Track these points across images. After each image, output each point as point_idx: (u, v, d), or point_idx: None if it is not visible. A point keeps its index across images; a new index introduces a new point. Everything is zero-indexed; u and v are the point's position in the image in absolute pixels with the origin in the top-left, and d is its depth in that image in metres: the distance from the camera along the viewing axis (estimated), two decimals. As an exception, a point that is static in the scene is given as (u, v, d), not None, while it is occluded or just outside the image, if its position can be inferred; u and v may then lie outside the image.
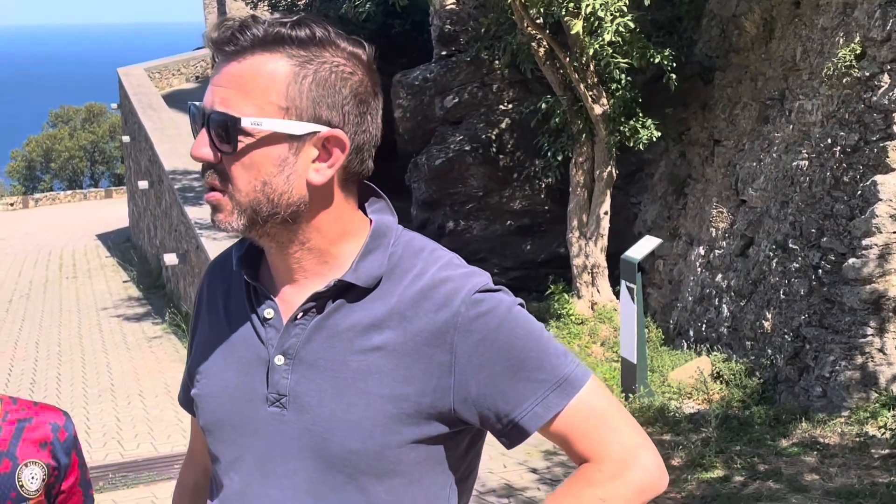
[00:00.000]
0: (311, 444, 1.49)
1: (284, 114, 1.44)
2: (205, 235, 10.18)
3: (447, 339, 1.46)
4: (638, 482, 1.47)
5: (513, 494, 5.76)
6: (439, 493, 1.54)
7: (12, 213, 28.72)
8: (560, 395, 1.47)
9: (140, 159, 16.47)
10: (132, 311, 12.93)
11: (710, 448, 6.02)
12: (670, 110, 9.53)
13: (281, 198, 1.45)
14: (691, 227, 9.06)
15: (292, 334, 1.51)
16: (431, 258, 1.53)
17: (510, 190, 11.21)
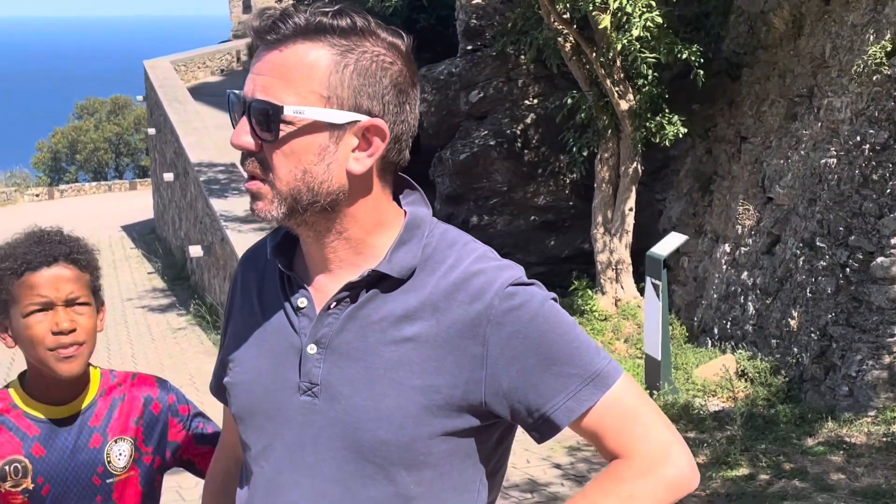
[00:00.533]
0: (342, 433, 1.49)
1: (326, 102, 1.44)
2: (230, 227, 10.23)
3: (480, 332, 1.46)
4: (669, 479, 1.47)
5: (536, 490, 5.76)
6: (469, 486, 1.54)
7: (38, 203, 28.95)
8: (592, 390, 1.47)
9: (165, 151, 16.55)
10: (157, 302, 13.01)
11: (735, 446, 6.00)
12: (697, 106, 9.49)
13: (321, 186, 1.46)
14: (717, 224, 9.01)
15: (325, 324, 1.51)
16: (465, 250, 1.53)
17: (534, 185, 11.19)
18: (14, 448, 1.98)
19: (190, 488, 6.15)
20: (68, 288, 1.96)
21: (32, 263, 1.96)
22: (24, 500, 1.97)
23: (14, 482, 1.96)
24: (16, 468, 1.97)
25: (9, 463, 1.97)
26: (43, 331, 1.94)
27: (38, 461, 1.98)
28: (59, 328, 1.93)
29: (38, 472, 1.98)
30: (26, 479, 1.97)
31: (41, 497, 1.97)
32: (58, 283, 1.96)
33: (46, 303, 1.95)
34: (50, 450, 1.99)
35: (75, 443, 2.01)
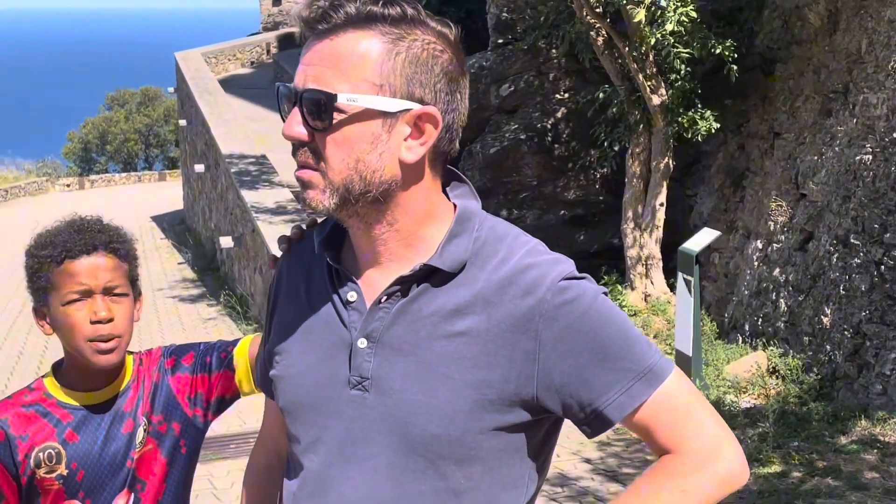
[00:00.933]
0: (393, 427, 1.49)
1: (378, 90, 1.44)
2: (260, 219, 10.27)
3: (532, 327, 1.46)
4: (720, 474, 1.47)
5: (566, 484, 5.76)
6: (517, 481, 1.54)
7: (69, 193, 29.18)
8: (645, 385, 1.47)
9: (196, 143, 16.64)
10: (187, 292, 13.09)
11: (766, 443, 5.97)
12: (729, 102, 9.43)
13: (374, 175, 1.46)
14: (749, 220, 8.96)
15: (376, 318, 1.51)
16: (516, 244, 1.53)
17: (564, 180, 11.17)
18: (48, 435, 2.00)
19: (221, 477, 6.20)
20: (107, 276, 1.98)
21: (72, 251, 1.97)
22: (59, 486, 1.99)
23: (48, 468, 1.99)
24: (49, 454, 1.99)
25: (43, 450, 1.99)
26: (81, 319, 1.96)
27: (71, 447, 2.00)
28: (98, 317, 1.95)
29: (72, 458, 2.00)
30: (60, 465, 1.99)
31: (76, 482, 2.00)
32: (97, 272, 1.97)
33: (85, 290, 1.96)
34: (84, 436, 2.01)
35: (109, 429, 2.03)
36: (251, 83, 21.39)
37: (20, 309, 12.58)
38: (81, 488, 2.00)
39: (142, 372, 2.10)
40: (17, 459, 1.98)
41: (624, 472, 5.95)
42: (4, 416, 2.00)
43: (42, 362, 9.52)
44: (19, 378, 9.09)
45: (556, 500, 5.51)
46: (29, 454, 1.98)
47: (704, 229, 7.56)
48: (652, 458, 5.66)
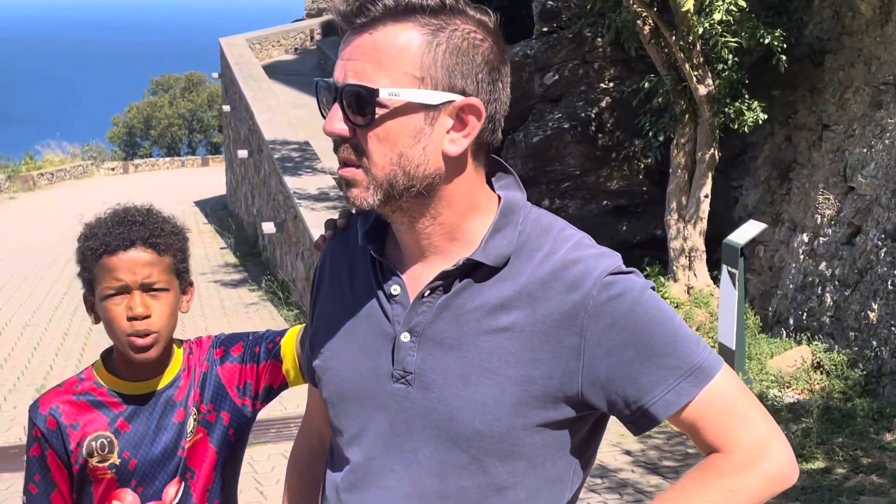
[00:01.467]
0: (436, 422, 1.48)
1: (420, 83, 1.42)
2: (303, 205, 10.31)
3: (577, 322, 1.44)
4: (769, 474, 1.45)
5: (606, 475, 5.73)
6: (561, 477, 1.53)
7: (113, 177, 29.49)
8: (692, 382, 1.45)
9: (240, 128, 16.73)
10: (229, 277, 13.19)
11: (810, 439, 5.91)
12: (777, 93, 9.31)
13: (417, 170, 1.44)
14: (795, 213, 8.85)
15: (419, 312, 1.50)
16: (561, 237, 1.51)
17: (608, 170, 11.09)
18: (100, 425, 2.01)
19: (262, 461, 6.25)
20: (145, 272, 1.97)
21: (111, 246, 1.97)
22: (111, 475, 2.01)
23: (101, 457, 2.00)
24: (102, 444, 2.00)
25: (95, 439, 2.00)
26: (119, 314, 1.96)
27: (123, 437, 2.01)
28: (133, 313, 1.95)
29: (124, 448, 2.01)
30: (112, 455, 2.00)
31: (128, 471, 2.01)
32: (134, 267, 1.96)
33: (122, 286, 1.96)
34: (135, 425, 2.02)
35: (160, 418, 2.04)
36: (294, 69, 21.47)
37: (65, 291, 12.75)
38: (134, 477, 2.02)
39: (192, 361, 2.11)
40: (70, 448, 2.00)
41: (664, 464, 5.92)
42: (56, 405, 2.02)
43: (87, 343, 9.64)
44: (64, 358, 9.22)
45: (596, 492, 5.49)
46: (81, 443, 2.00)
47: (750, 222, 7.48)
48: (693, 449, 5.64)
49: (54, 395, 2.05)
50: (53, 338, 10.19)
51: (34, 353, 9.58)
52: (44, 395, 2.06)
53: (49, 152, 30.50)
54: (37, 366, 9.03)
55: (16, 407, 7.63)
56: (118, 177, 29.78)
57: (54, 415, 2.01)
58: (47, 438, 2.00)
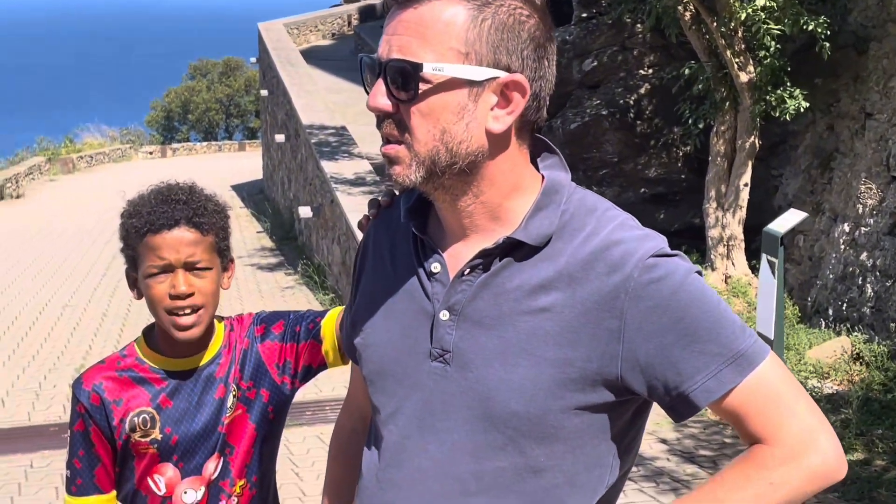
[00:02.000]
0: (473, 402, 1.47)
1: (464, 59, 1.41)
2: (339, 189, 10.33)
3: (617, 305, 1.42)
4: (813, 468, 1.40)
5: (641, 463, 5.71)
6: (601, 462, 1.51)
7: (151, 161, 29.72)
8: (735, 370, 1.41)
9: (277, 113, 16.79)
10: (265, 260, 13.26)
11: (850, 430, 5.85)
12: (820, 80, 9.19)
13: (460, 146, 1.43)
14: (836, 202, 8.75)
15: (458, 290, 1.49)
16: (605, 218, 1.49)
17: (646, 157, 11.01)
18: (142, 401, 2.03)
19: (297, 443, 6.29)
20: (188, 251, 1.98)
21: (155, 224, 1.98)
22: (153, 450, 2.03)
23: (143, 432, 2.02)
24: (144, 419, 2.02)
25: (137, 414, 2.02)
26: (161, 293, 1.97)
27: (165, 413, 2.03)
28: (176, 291, 1.96)
29: (166, 423, 2.03)
30: (154, 430, 2.02)
31: (170, 447, 2.03)
32: (178, 246, 1.97)
33: (166, 265, 1.97)
34: (177, 401, 2.04)
35: (201, 394, 2.05)
36: (332, 55, 21.50)
37: (104, 273, 12.88)
38: (175, 452, 2.04)
39: (233, 338, 2.12)
40: (113, 424, 2.02)
41: (701, 453, 5.88)
42: (99, 382, 2.04)
43: (125, 324, 9.73)
44: (103, 339, 9.32)
45: (632, 480, 5.47)
46: (124, 419, 2.02)
47: (790, 210, 7.39)
48: (730, 439, 5.62)
49: (97, 371, 2.07)
50: (92, 318, 10.30)
51: (73, 333, 9.69)
52: (87, 372, 2.08)
53: (88, 136, 30.80)
54: (76, 346, 9.13)
55: (55, 386, 7.73)
56: (156, 160, 30.00)
57: (98, 391, 2.03)
58: (91, 414, 2.02)
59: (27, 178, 22.87)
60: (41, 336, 9.55)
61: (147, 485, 2.05)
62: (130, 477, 2.06)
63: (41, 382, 7.86)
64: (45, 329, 9.85)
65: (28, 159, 25.48)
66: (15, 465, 5.98)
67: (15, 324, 10.15)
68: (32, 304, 11.10)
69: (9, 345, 9.28)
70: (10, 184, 21.38)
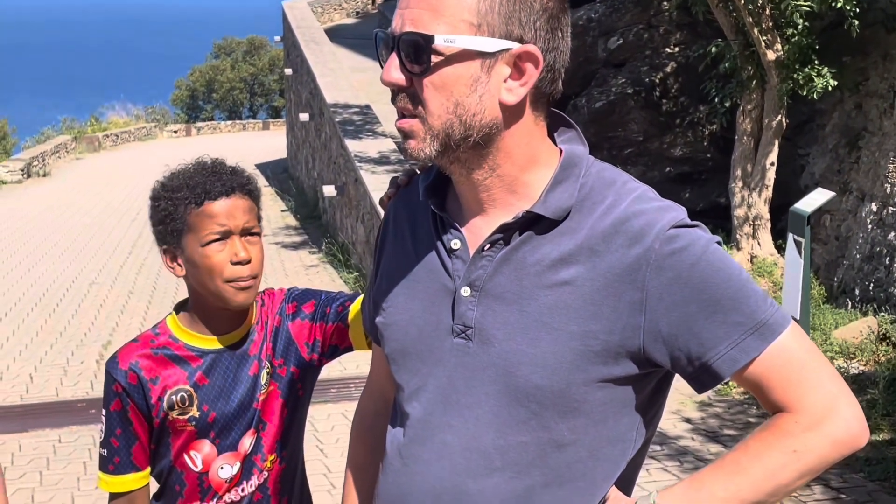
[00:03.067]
0: (496, 377, 1.48)
1: (476, 30, 1.41)
2: (363, 168, 10.34)
3: (639, 277, 1.42)
4: (836, 435, 1.40)
5: (665, 442, 5.71)
6: (624, 436, 1.51)
7: (176, 140, 29.83)
8: (758, 339, 1.41)
9: (301, 92, 16.79)
10: (290, 239, 13.30)
11: (876, 410, 5.82)
12: (848, 59, 9.09)
13: (473, 119, 1.43)
14: (864, 182, 8.67)
15: (479, 266, 1.49)
16: (624, 190, 1.49)
17: (671, 136, 10.95)
18: (179, 378, 2.05)
19: (322, 420, 6.32)
20: (245, 217, 2.01)
21: (212, 193, 2.01)
22: (191, 427, 2.05)
23: (181, 410, 2.04)
24: (182, 397, 2.04)
25: (175, 392, 2.04)
26: (222, 260, 1.99)
27: (202, 390, 2.05)
28: (238, 258, 1.99)
29: (203, 401, 2.05)
30: (192, 408, 2.04)
31: (208, 423, 2.05)
32: (236, 213, 2.01)
33: (225, 231, 2.00)
34: (213, 378, 2.06)
35: (237, 371, 2.07)
36: (356, 33, 21.46)
37: (130, 250, 12.96)
38: (212, 429, 2.06)
39: (265, 314, 2.14)
40: (151, 402, 2.04)
41: (725, 433, 5.87)
42: (135, 361, 2.06)
43: (151, 302, 9.80)
44: (129, 316, 9.39)
45: (656, 458, 5.47)
46: (162, 397, 2.04)
47: (818, 189, 7.33)
48: (755, 418, 5.60)
49: (132, 349, 2.08)
50: (119, 295, 10.38)
51: (100, 309, 9.77)
52: (121, 351, 2.09)
53: (114, 114, 30.93)
54: (103, 322, 9.21)
55: (83, 362, 7.80)
56: (181, 139, 30.11)
57: (135, 370, 2.04)
58: (129, 393, 2.04)
59: (53, 156, 23.02)
60: (68, 313, 9.64)
61: (183, 461, 2.07)
62: (166, 454, 2.08)
63: (69, 358, 7.94)
64: (72, 306, 9.94)
65: (54, 138, 25.65)
66: (44, 440, 6.04)
67: (42, 301, 10.24)
68: (59, 281, 11.20)
69: (37, 321, 9.37)
70: (36, 162, 21.52)
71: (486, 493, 1.49)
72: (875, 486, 5.07)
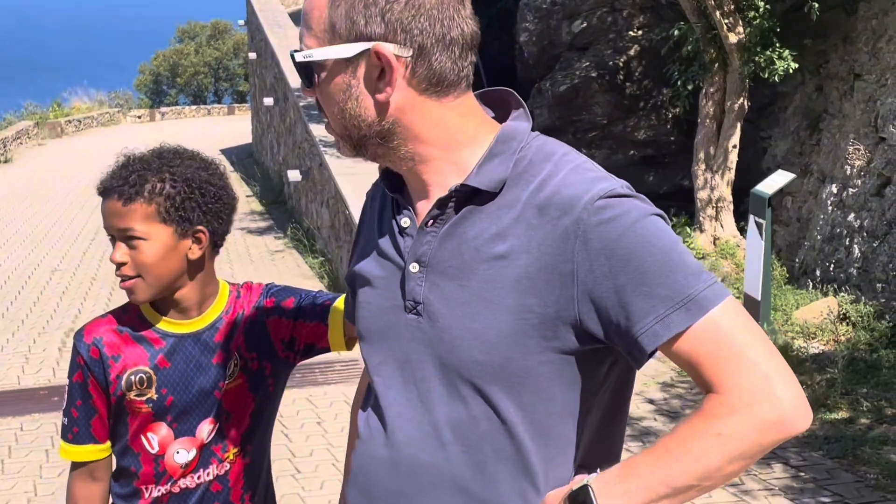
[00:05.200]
0: (441, 352, 1.50)
1: (331, 39, 1.46)
2: (328, 153, 10.29)
3: (568, 248, 1.41)
4: (764, 418, 1.33)
5: (629, 423, 5.75)
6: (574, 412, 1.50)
7: (140, 125, 29.55)
8: (684, 314, 1.36)
9: (265, 76, 16.68)
10: (255, 224, 13.23)
11: (835, 389, 5.90)
12: (809, 41, 9.17)
13: (359, 121, 1.49)
14: (824, 163, 8.76)
15: (424, 242, 1.53)
16: (561, 162, 1.49)
17: (635, 119, 11.00)
18: (140, 359, 2.05)
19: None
20: (117, 221, 1.99)
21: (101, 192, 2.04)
22: (148, 409, 2.05)
23: (139, 391, 2.04)
24: (140, 378, 2.04)
25: (134, 373, 2.04)
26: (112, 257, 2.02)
27: (162, 373, 2.04)
28: (111, 260, 2.01)
29: (162, 384, 2.04)
30: (150, 390, 2.04)
31: (165, 407, 2.05)
32: (109, 216, 2.01)
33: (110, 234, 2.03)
34: (175, 363, 2.05)
35: (199, 358, 2.06)
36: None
37: (93, 237, 12.84)
38: (169, 412, 2.05)
39: (238, 305, 2.12)
40: (110, 379, 2.04)
41: (687, 413, 5.93)
42: (100, 336, 2.05)
43: (114, 288, 9.71)
44: (92, 302, 9.31)
45: (619, 439, 5.51)
46: (121, 375, 2.04)
47: (778, 171, 7.41)
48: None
49: (99, 324, 2.08)
50: (81, 282, 10.29)
51: (63, 297, 9.68)
52: (89, 324, 2.09)
53: (76, 99, 30.57)
54: (65, 310, 9.13)
55: (45, 349, 7.73)
56: (145, 124, 29.83)
57: (97, 345, 2.04)
58: (89, 366, 2.04)
59: (15, 142, 22.73)
60: (30, 300, 9.54)
61: (140, 443, 2.07)
62: (124, 433, 2.08)
63: (30, 346, 7.87)
64: (34, 293, 9.84)
65: (16, 123, 25.31)
66: (4, 427, 5.99)
67: (4, 288, 10.13)
68: (21, 269, 11.08)
69: (-2, 309, 9.27)
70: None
71: (438, 466, 1.51)
72: (834, 463, 5.14)
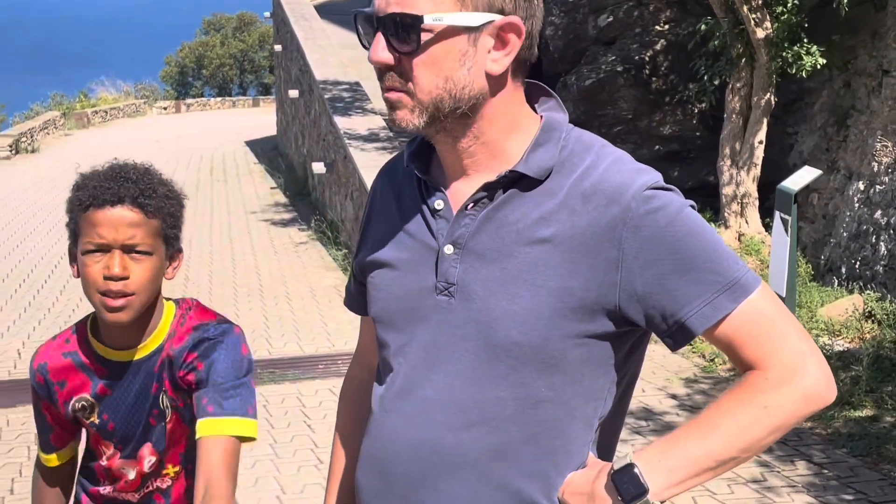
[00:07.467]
0: (476, 333, 1.52)
1: (461, 6, 1.46)
2: (353, 145, 10.31)
3: (615, 235, 1.47)
4: (804, 391, 1.44)
5: (651, 418, 5.75)
6: (598, 395, 1.55)
7: (166, 116, 29.70)
8: (730, 297, 1.46)
9: (291, 68, 16.73)
10: (279, 216, 13.28)
11: (859, 387, 5.86)
12: (837, 37, 9.09)
13: (463, 91, 1.49)
14: (851, 160, 8.69)
15: (462, 224, 1.54)
16: (602, 153, 1.54)
17: (661, 114, 10.94)
18: (82, 386, 2.07)
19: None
20: (129, 232, 1.89)
21: (98, 199, 1.89)
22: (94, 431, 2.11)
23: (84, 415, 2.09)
24: (83, 405, 2.08)
25: (78, 400, 2.08)
26: (96, 272, 1.89)
27: (104, 400, 2.07)
28: (110, 273, 1.87)
29: (104, 410, 2.07)
30: (93, 415, 2.08)
31: (108, 431, 2.10)
32: (118, 225, 1.88)
33: (103, 244, 1.88)
34: (116, 391, 2.06)
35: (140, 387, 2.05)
36: (346, 9, 21.35)
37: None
38: (113, 436, 2.09)
39: (180, 332, 2.03)
40: (58, 403, 2.09)
41: (711, 408, 5.91)
42: (44, 362, 2.08)
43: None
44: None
45: (641, 434, 5.51)
46: (67, 401, 2.08)
47: (805, 168, 7.36)
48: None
49: (47, 349, 2.10)
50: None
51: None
52: (41, 348, 2.11)
53: (103, 90, 30.76)
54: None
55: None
56: (170, 116, 29.98)
57: (42, 372, 2.08)
58: (37, 391, 2.10)
59: (42, 132, 22.90)
60: (56, 290, 9.63)
61: (99, 448, 2.15)
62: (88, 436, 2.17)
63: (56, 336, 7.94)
64: (59, 283, 9.92)
65: (43, 114, 25.50)
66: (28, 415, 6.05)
67: (30, 277, 10.23)
68: (48, 258, 11.17)
69: (24, 298, 9.36)
70: (25, 138, 21.42)
71: (463, 447, 1.53)
72: (857, 461, 5.11)
